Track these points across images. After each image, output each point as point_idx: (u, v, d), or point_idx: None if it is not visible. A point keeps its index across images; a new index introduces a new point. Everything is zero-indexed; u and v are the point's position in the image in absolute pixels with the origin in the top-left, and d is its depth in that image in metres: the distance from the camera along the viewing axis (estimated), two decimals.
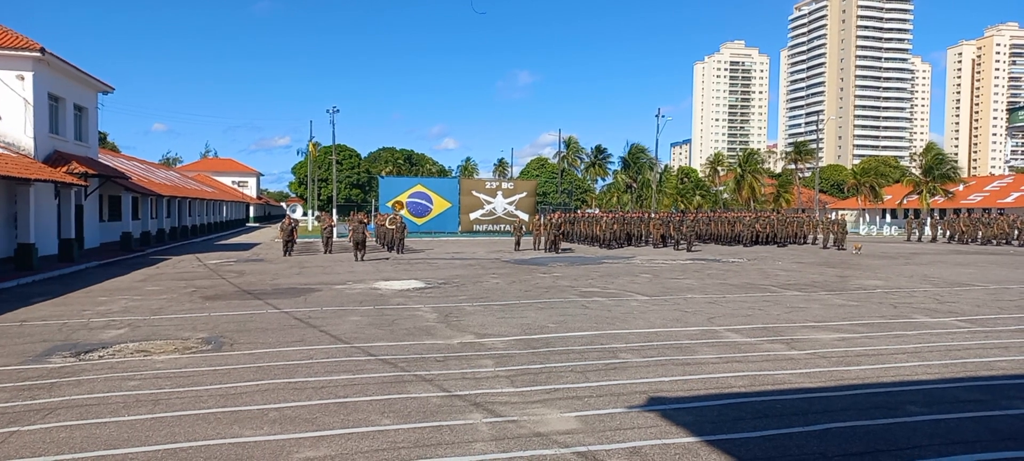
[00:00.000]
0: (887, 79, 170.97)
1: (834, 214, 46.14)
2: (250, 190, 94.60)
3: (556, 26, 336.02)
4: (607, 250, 31.02)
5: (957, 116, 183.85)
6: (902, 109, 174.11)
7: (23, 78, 21.51)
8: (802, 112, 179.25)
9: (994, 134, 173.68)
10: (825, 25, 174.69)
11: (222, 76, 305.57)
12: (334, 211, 49.42)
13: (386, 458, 5.05)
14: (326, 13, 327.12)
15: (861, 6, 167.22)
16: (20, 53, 21.35)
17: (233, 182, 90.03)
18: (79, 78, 25.65)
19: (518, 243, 31.49)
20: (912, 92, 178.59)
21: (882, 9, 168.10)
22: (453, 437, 5.51)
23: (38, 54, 21.48)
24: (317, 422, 5.85)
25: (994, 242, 39.95)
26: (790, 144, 79.00)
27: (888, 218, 66.15)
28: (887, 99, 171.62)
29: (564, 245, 32.33)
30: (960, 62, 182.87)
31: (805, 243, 38.48)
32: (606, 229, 33.34)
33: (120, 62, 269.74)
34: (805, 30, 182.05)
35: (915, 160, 57.47)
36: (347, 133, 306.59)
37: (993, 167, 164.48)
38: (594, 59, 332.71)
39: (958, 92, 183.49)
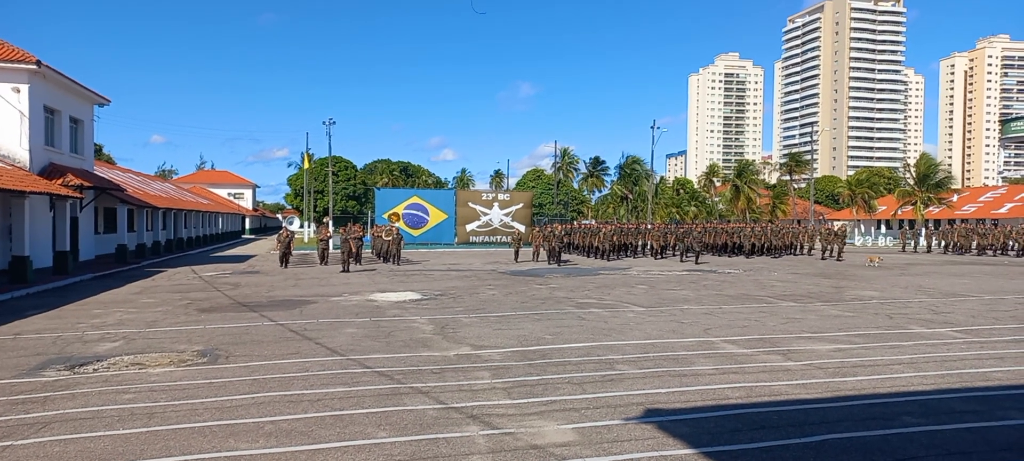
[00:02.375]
0: (880, 90, 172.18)
1: (834, 225, 45.83)
2: (246, 202, 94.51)
3: (555, 38, 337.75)
4: (605, 261, 30.89)
5: (950, 127, 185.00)
6: (895, 120, 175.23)
7: (19, 90, 21.51)
8: (796, 123, 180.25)
9: (987, 145, 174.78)
10: (819, 37, 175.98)
11: (222, 87, 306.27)
12: (330, 223, 49.39)
13: None
14: (329, 24, 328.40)
15: (854, 18, 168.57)
16: (16, 66, 21.36)
17: (229, 194, 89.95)
18: (75, 91, 25.65)
19: (517, 254, 31.24)
20: (905, 103, 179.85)
21: (875, 21, 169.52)
22: (449, 450, 5.49)
23: (34, 67, 21.48)
24: (313, 435, 5.83)
25: (990, 252, 40.08)
26: (785, 155, 79.34)
27: (883, 229, 66.39)
28: (881, 110, 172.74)
29: (564, 256, 32.05)
30: (953, 74, 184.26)
31: (800, 254, 38.48)
32: (605, 240, 33.08)
33: (119, 74, 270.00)
34: (799, 42, 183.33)
35: (909, 171, 57.66)
36: (345, 144, 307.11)
37: (986, 178, 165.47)
38: (590, 71, 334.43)
39: (951, 104, 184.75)
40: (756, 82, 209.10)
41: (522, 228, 46.58)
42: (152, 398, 7.01)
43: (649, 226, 39.73)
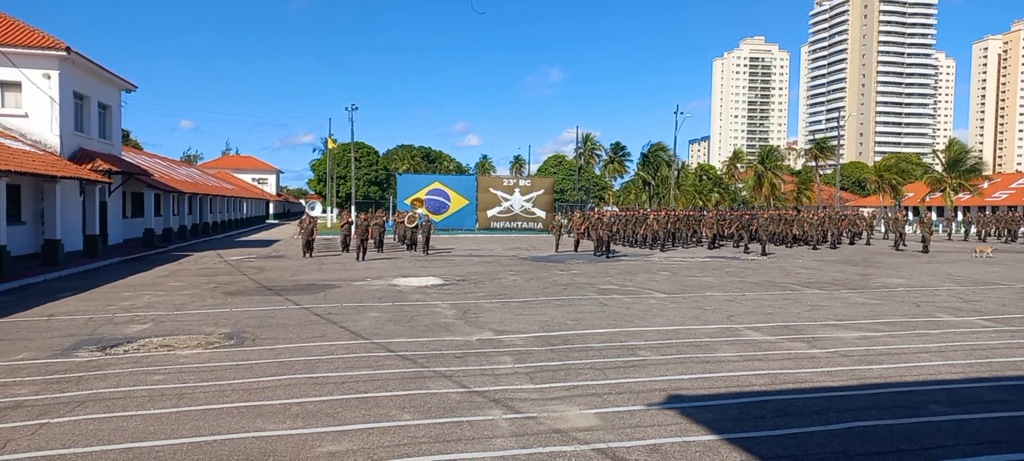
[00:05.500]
0: (910, 74, 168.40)
1: (918, 212, 42.64)
2: (270, 187, 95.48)
3: (580, 22, 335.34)
4: (662, 252, 28.27)
5: (982, 112, 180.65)
6: (925, 105, 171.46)
7: (49, 77, 21.90)
8: (823, 108, 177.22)
9: (1020, 130, 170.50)
10: (847, 20, 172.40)
11: (250, 73, 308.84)
12: (353, 208, 49.76)
13: (407, 453, 5.10)
14: (359, 10, 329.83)
15: (884, 0, 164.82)
16: (46, 52, 21.73)
17: (253, 179, 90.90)
18: (103, 76, 26.04)
19: (558, 243, 28.60)
20: (935, 88, 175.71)
21: (905, 3, 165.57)
22: (473, 433, 5.54)
23: (64, 53, 21.84)
24: (338, 417, 5.91)
25: None
26: (810, 141, 78.13)
27: (910, 216, 65.22)
28: (910, 95, 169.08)
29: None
30: (985, 57, 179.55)
31: (856, 243, 35.30)
32: (660, 227, 29.99)
33: (146, 60, 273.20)
34: (826, 25, 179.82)
35: (937, 157, 56.44)
36: (369, 130, 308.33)
37: (1019, 164, 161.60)
38: (615, 56, 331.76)
39: (983, 88, 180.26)
40: (782, 66, 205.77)
41: (543, 214, 46.55)
42: (181, 379, 7.15)
43: (706, 213, 37.11)
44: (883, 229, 42.99)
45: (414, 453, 5.09)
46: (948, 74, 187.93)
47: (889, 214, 40.33)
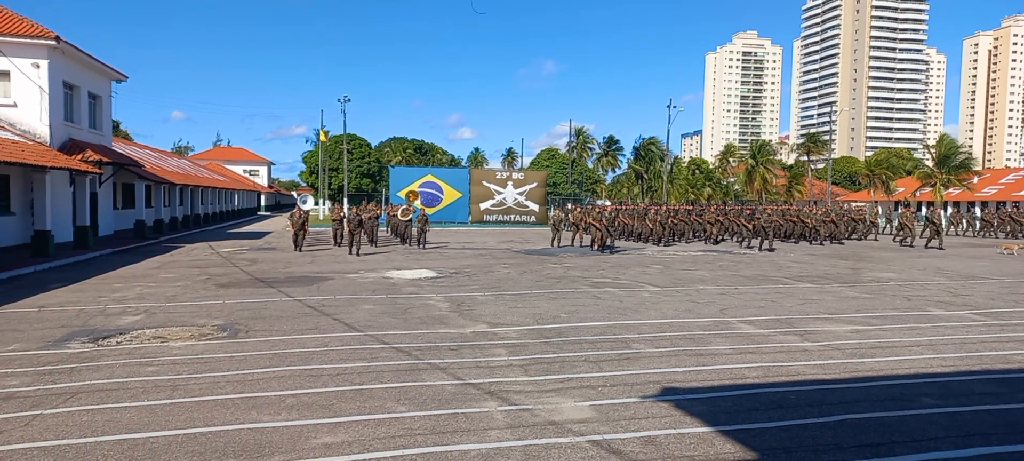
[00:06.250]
0: (901, 70, 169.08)
1: (926, 208, 41.12)
2: (261, 179, 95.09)
3: (573, 15, 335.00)
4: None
5: (972, 108, 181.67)
6: (916, 101, 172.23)
7: (38, 66, 21.66)
8: (815, 103, 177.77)
9: (1010, 126, 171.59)
10: (839, 15, 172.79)
11: (242, 64, 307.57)
12: (345, 201, 49.59)
13: (403, 444, 5.10)
14: (353, 0, 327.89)
15: None
16: (36, 41, 21.49)
17: (244, 171, 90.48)
18: (93, 66, 25.80)
19: (558, 239, 26.95)
20: (926, 83, 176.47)
21: None
22: (468, 425, 5.55)
23: (53, 42, 21.61)
24: (333, 408, 5.91)
25: None
26: (802, 135, 78.43)
27: (899, 210, 65.60)
28: (901, 90, 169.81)
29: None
30: (976, 53, 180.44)
31: (861, 239, 34.43)
32: (660, 223, 29.06)
33: (139, 50, 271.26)
34: (819, 20, 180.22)
35: (928, 152, 56.70)
36: (362, 122, 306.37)
37: (1008, 160, 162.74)
38: (608, 49, 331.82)
39: (974, 83, 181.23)
40: (774, 61, 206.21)
41: (536, 207, 46.57)
42: (175, 371, 7.12)
43: (708, 207, 36.66)
44: (883, 224, 42.98)
45: (409, 445, 5.10)
46: (939, 70, 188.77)
47: (891, 211, 40.05)
